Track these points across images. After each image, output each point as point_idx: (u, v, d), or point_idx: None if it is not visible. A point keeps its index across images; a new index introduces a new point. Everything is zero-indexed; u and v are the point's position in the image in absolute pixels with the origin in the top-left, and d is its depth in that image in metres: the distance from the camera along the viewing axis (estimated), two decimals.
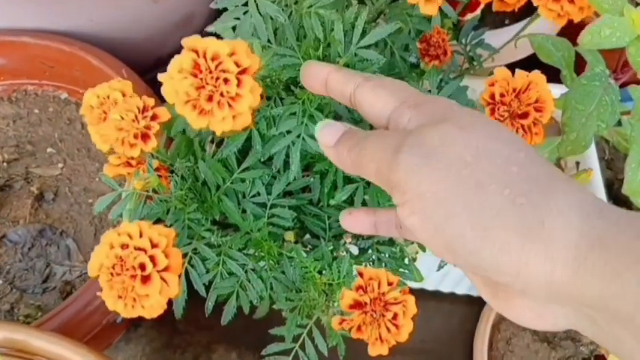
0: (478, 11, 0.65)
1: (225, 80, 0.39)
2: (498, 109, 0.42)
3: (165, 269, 0.42)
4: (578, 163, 0.87)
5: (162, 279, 0.42)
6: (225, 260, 0.55)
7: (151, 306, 0.42)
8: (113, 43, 0.78)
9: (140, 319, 0.42)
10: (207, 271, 0.55)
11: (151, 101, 0.51)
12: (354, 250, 0.63)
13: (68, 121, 0.81)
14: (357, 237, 0.63)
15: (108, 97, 0.53)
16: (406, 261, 0.64)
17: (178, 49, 0.41)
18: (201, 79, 0.39)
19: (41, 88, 0.82)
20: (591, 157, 0.84)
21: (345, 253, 0.61)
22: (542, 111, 0.42)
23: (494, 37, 0.73)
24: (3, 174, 0.76)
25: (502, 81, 0.42)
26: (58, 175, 0.76)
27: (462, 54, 0.67)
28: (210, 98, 0.39)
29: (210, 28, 0.53)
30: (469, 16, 0.70)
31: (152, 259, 0.41)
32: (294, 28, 0.53)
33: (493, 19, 0.94)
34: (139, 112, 0.50)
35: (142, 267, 0.41)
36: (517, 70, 0.44)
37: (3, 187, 0.75)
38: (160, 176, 0.57)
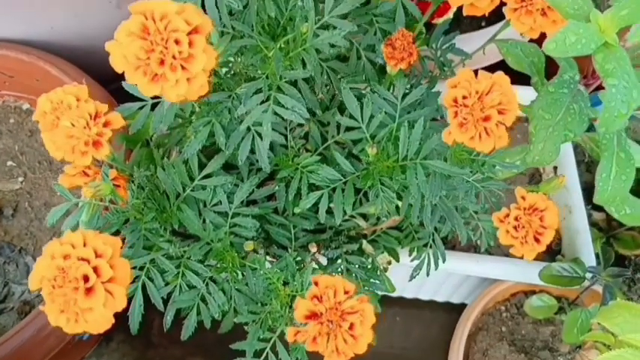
0: (450, 14, 0.64)
1: (176, 41, 0.38)
2: (461, 112, 0.41)
3: (111, 280, 0.39)
4: (555, 168, 0.86)
5: (107, 291, 0.39)
6: (184, 272, 0.52)
7: (96, 320, 0.39)
8: (76, 51, 0.76)
9: (111, 332, 0.40)
10: (167, 284, 0.52)
11: (103, 107, 0.48)
12: (323, 261, 0.61)
13: (29, 132, 0.78)
14: (325, 247, 0.61)
15: (62, 102, 0.51)
16: (377, 272, 0.62)
17: None
18: (150, 41, 0.37)
19: (2, 98, 0.80)
20: (568, 161, 0.83)
21: (312, 262, 0.59)
22: (506, 113, 0.41)
23: (467, 41, 0.72)
24: None
25: (464, 82, 0.41)
26: (18, 189, 0.73)
27: (432, 59, 0.66)
28: (161, 62, 0.38)
29: None
30: (440, 19, 0.69)
31: (96, 269, 0.39)
32: (252, 12, 0.51)
33: (470, 22, 0.93)
34: (91, 118, 0.48)
35: (86, 278, 0.38)
36: (480, 71, 0.42)
37: None
38: (117, 186, 0.54)
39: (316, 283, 0.39)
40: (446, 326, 0.85)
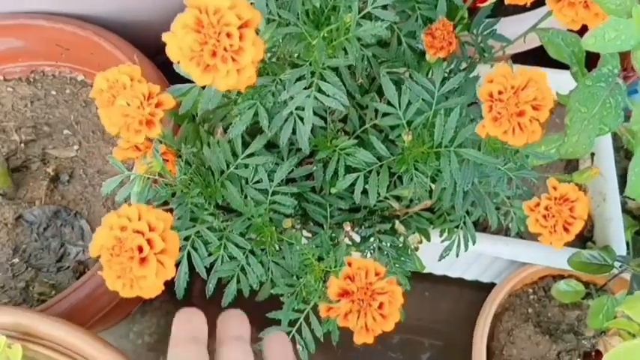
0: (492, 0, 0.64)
1: (228, 34, 0.40)
2: (495, 107, 0.42)
3: (162, 252, 0.43)
4: (593, 154, 0.86)
5: (159, 261, 0.43)
6: (226, 244, 0.56)
7: (148, 287, 0.43)
8: (125, 25, 0.80)
9: None
10: (209, 254, 0.56)
11: (156, 88, 0.52)
12: (356, 239, 0.64)
13: (84, 103, 0.82)
14: (359, 225, 0.64)
15: (117, 81, 0.54)
16: (408, 251, 0.65)
17: None
18: (204, 34, 0.40)
19: (58, 69, 0.84)
20: (606, 148, 0.83)
21: (346, 239, 0.62)
22: (540, 109, 0.42)
23: (508, 25, 0.72)
24: (20, 155, 0.78)
25: (501, 78, 0.42)
26: (74, 156, 0.78)
27: (472, 45, 0.66)
28: (213, 53, 0.40)
29: None
30: (483, 4, 0.69)
31: (149, 242, 0.43)
32: (297, 1, 0.53)
33: (513, 8, 0.92)
34: (144, 98, 0.51)
35: (140, 249, 0.42)
36: (518, 67, 0.44)
37: (20, 168, 0.77)
38: (166, 160, 0.58)
39: (349, 264, 0.42)
40: (474, 304, 0.87)
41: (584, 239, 0.79)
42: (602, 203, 0.78)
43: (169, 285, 0.55)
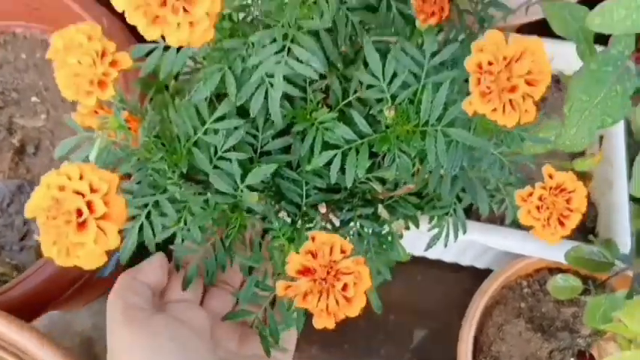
0: None
1: None
2: (484, 80, 0.36)
3: (104, 217, 0.38)
4: (601, 137, 0.79)
5: (100, 228, 0.38)
6: (186, 218, 0.51)
7: (86, 255, 0.38)
8: None
9: None
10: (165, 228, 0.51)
11: (111, 46, 0.46)
12: (336, 222, 0.59)
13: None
14: (338, 208, 0.59)
15: (73, 40, 0.49)
16: (391, 238, 0.60)
17: None
18: None
19: (29, 30, 0.79)
20: (617, 131, 0.76)
21: (324, 223, 0.57)
22: (536, 85, 0.36)
23: None
24: None
25: (491, 46, 0.37)
26: (41, 126, 0.73)
27: (471, 13, 0.60)
28: (163, 3, 0.36)
29: None
30: None
31: (89, 204, 0.38)
32: None
33: None
34: (98, 56, 0.46)
35: (79, 213, 0.38)
36: (512, 35, 0.38)
37: None
38: (129, 129, 0.53)
39: (313, 239, 0.37)
40: (468, 289, 0.83)
41: (586, 230, 0.74)
42: (608, 191, 0.72)
43: None
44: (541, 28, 0.73)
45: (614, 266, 0.62)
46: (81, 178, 0.38)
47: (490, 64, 0.37)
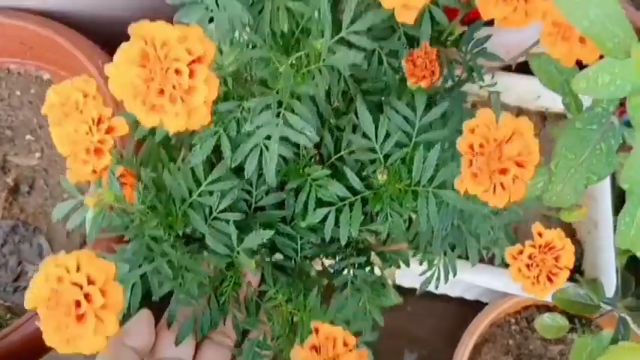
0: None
1: (177, 71, 0.36)
2: (476, 162, 0.38)
3: (102, 307, 0.39)
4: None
5: (98, 317, 0.39)
6: (184, 276, 0.52)
7: (86, 345, 0.39)
8: (97, 18, 0.75)
9: None
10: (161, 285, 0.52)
11: (107, 112, 0.47)
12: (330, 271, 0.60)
13: None
14: (332, 257, 0.60)
15: (69, 97, 0.49)
16: (383, 285, 0.61)
17: None
18: (149, 69, 0.36)
19: (24, 67, 0.79)
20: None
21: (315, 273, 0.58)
22: (525, 166, 0.38)
23: (505, 34, 0.67)
24: None
25: (483, 128, 0.38)
26: (35, 165, 0.74)
27: (460, 63, 0.61)
28: (161, 92, 0.36)
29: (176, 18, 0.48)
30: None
31: (87, 296, 0.38)
32: (265, 21, 0.48)
33: None
34: (94, 123, 0.47)
35: (77, 304, 0.38)
36: (503, 114, 0.39)
37: None
38: (125, 184, 0.54)
39: (316, 331, 0.38)
40: (458, 320, 0.85)
41: (572, 267, 0.75)
42: (594, 230, 0.74)
43: None
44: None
45: (600, 308, 0.63)
46: (78, 269, 0.39)
47: (482, 146, 0.38)
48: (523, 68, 0.77)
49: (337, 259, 0.59)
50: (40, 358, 0.66)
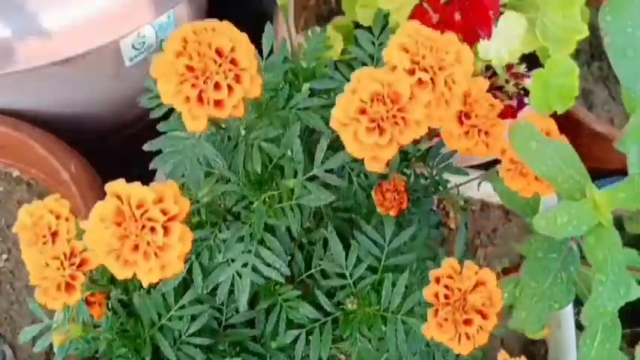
0: None
1: (152, 229, 0.36)
2: (442, 311, 0.39)
3: None
4: None
5: None
6: None
7: None
8: (74, 115, 0.77)
9: None
10: None
11: (79, 245, 0.47)
12: None
13: (17, 204, 0.77)
14: None
15: (42, 218, 0.50)
16: None
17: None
18: (125, 228, 0.36)
19: None
20: None
21: None
22: (489, 317, 0.39)
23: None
24: None
25: (448, 279, 0.39)
26: (1, 267, 0.72)
27: (427, 178, 0.64)
28: (135, 247, 0.37)
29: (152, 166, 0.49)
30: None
31: None
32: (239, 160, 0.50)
33: None
34: (65, 258, 0.47)
35: None
36: (466, 263, 0.41)
37: None
38: (93, 303, 0.54)
39: None
40: None
41: None
42: (557, 329, 0.75)
43: None
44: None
45: None
46: None
47: (447, 297, 0.40)
48: (486, 164, 0.80)
49: None
50: None
